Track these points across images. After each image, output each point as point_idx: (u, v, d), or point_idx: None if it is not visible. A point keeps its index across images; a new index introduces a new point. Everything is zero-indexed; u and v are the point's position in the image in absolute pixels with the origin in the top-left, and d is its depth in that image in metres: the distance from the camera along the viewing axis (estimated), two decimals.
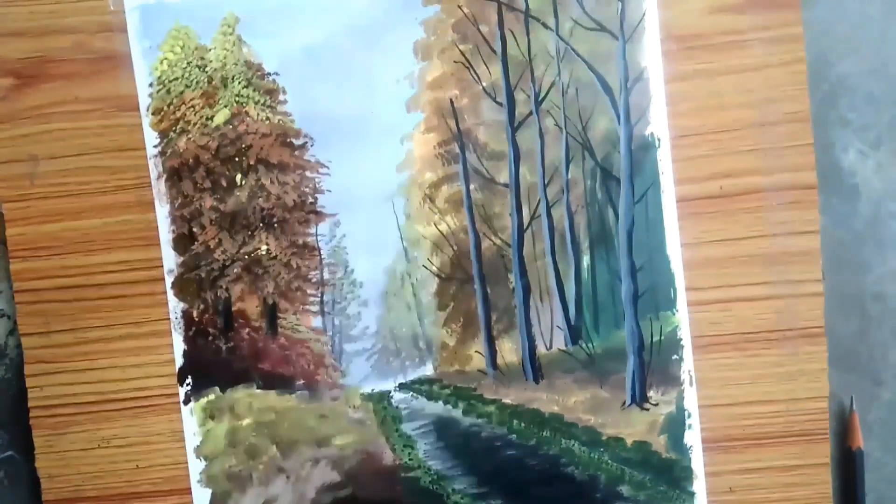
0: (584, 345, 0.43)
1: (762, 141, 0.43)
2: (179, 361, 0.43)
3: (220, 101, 0.43)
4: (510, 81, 0.43)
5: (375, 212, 0.43)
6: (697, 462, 0.43)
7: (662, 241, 0.43)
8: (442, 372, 0.44)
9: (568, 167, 0.43)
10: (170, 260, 0.43)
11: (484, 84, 0.43)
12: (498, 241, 0.44)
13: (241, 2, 0.43)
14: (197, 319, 0.43)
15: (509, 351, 0.44)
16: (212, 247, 0.43)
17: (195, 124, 0.43)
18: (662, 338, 0.43)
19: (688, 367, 0.43)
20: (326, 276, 0.44)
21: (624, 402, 0.43)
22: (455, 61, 0.43)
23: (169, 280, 0.43)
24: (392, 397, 0.44)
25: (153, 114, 0.43)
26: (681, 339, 0.43)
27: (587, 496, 0.43)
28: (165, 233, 0.43)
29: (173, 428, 0.44)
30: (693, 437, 0.43)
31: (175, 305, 0.43)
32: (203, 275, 0.43)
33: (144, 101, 0.43)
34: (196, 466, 0.44)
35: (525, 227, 0.43)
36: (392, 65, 0.43)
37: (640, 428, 0.43)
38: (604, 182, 0.43)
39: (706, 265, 0.43)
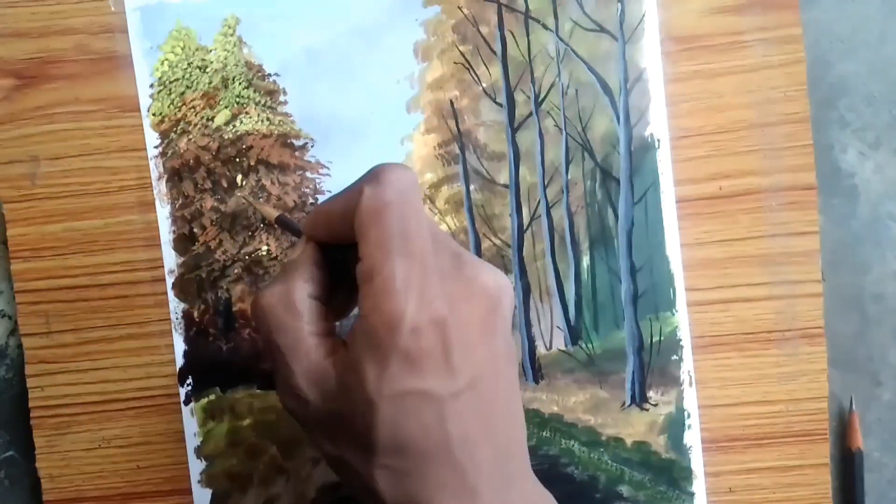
0: (583, 345, 0.43)
1: (762, 142, 0.43)
2: (180, 362, 0.44)
3: (221, 102, 0.43)
4: (510, 82, 0.43)
5: None
6: (697, 462, 0.43)
7: (662, 241, 0.43)
8: None
9: (568, 168, 0.43)
10: (170, 260, 0.43)
11: (484, 85, 0.43)
12: (498, 242, 0.44)
13: (242, 3, 0.43)
14: (197, 320, 0.43)
15: None
16: (212, 247, 0.44)
17: (196, 125, 0.43)
18: (662, 338, 0.43)
19: (687, 367, 0.43)
20: None
21: (624, 403, 0.43)
22: (455, 62, 0.43)
23: (170, 280, 0.43)
24: None
25: (154, 114, 0.43)
26: (680, 340, 0.43)
27: (587, 496, 0.43)
28: (166, 233, 0.43)
29: (174, 428, 0.44)
30: (693, 438, 0.43)
31: (176, 306, 0.43)
32: (204, 275, 0.43)
33: (145, 101, 0.43)
34: (196, 466, 0.44)
35: (525, 227, 0.44)
36: (392, 66, 0.43)
37: (639, 428, 0.43)
38: (603, 183, 0.43)
39: (706, 265, 0.43)
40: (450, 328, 0.27)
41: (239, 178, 0.44)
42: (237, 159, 0.43)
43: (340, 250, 0.31)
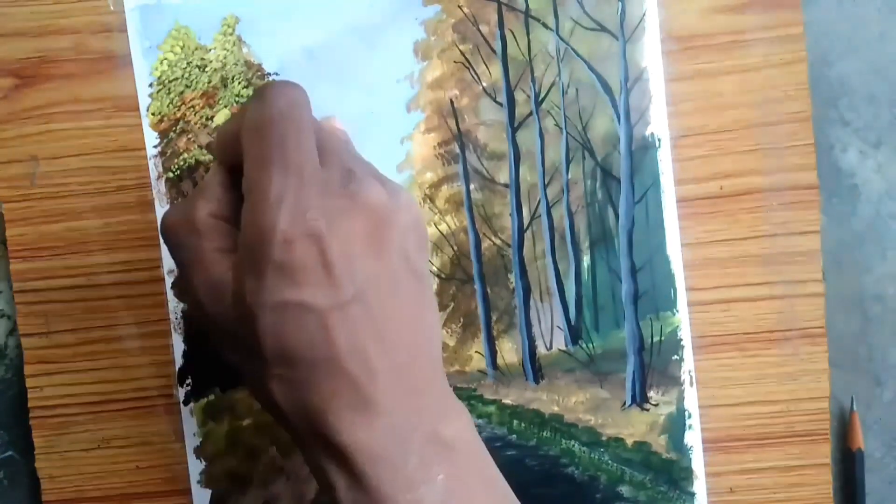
0: (584, 345, 0.43)
1: (763, 141, 0.43)
2: (179, 362, 0.44)
3: (220, 102, 0.43)
4: (510, 81, 0.43)
5: None
6: (698, 462, 0.43)
7: (663, 241, 0.43)
8: None
9: (568, 167, 0.43)
10: (170, 260, 0.43)
11: (484, 84, 0.43)
12: (498, 241, 0.44)
13: (241, 2, 0.43)
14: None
15: (509, 351, 0.44)
16: None
17: (195, 124, 0.43)
18: (663, 338, 0.43)
19: (688, 367, 0.43)
20: None
21: (624, 403, 0.43)
22: (455, 61, 0.43)
23: (169, 280, 0.43)
24: None
25: (153, 114, 0.43)
26: (681, 340, 0.43)
27: (587, 496, 0.43)
28: None
29: (173, 428, 0.44)
30: (693, 438, 0.43)
31: (175, 306, 0.43)
32: None
33: (144, 101, 0.43)
34: (196, 467, 0.44)
35: (525, 227, 0.43)
36: (392, 65, 0.43)
37: (640, 428, 0.43)
38: (604, 182, 0.43)
39: (706, 265, 0.43)
40: (327, 242, 0.28)
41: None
42: None
43: None
